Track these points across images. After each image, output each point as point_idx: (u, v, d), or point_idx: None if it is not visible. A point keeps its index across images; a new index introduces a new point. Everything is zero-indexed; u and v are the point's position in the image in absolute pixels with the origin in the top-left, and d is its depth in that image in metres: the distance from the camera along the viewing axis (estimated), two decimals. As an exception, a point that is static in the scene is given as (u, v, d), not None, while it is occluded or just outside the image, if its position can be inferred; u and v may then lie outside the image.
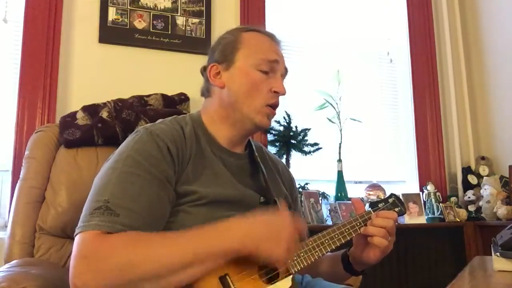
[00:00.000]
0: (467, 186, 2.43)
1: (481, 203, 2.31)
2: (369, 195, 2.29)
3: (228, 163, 0.98)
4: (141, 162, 0.84)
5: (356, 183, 2.40)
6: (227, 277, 0.80)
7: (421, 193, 2.36)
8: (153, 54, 2.01)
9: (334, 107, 2.33)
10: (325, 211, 2.12)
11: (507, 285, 0.85)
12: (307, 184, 2.15)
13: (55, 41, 1.84)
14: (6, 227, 1.53)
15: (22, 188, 1.40)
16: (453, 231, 2.25)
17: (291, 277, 0.88)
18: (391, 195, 1.11)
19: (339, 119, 2.33)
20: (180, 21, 2.07)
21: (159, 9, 2.04)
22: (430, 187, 2.34)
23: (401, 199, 1.12)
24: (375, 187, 2.33)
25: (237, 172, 0.99)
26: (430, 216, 2.27)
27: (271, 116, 0.99)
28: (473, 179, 2.44)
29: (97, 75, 1.91)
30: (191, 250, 0.75)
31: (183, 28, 2.07)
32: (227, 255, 0.78)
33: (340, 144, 2.29)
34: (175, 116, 1.01)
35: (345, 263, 1.06)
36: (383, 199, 1.09)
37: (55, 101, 1.81)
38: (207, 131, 0.99)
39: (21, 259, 1.26)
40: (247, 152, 1.06)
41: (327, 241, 0.96)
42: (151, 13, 2.03)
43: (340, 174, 2.23)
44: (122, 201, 0.79)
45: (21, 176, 1.42)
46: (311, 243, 0.94)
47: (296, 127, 2.17)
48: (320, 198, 2.12)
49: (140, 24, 2.00)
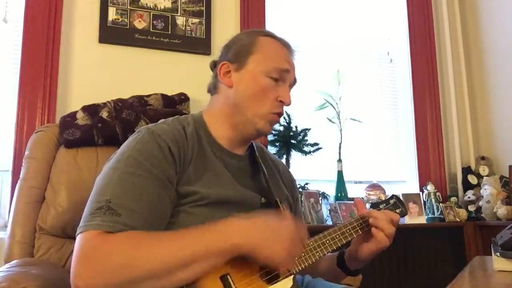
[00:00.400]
0: (467, 186, 2.43)
1: (481, 203, 2.31)
2: (369, 195, 2.29)
3: (229, 164, 0.98)
4: (143, 162, 0.84)
5: (356, 183, 2.41)
6: (228, 276, 0.80)
7: (421, 193, 2.36)
8: (153, 54, 2.01)
9: (334, 107, 2.33)
10: (325, 211, 2.13)
11: (507, 285, 0.85)
12: (307, 184, 2.15)
13: (55, 41, 1.84)
14: (6, 227, 1.53)
15: (22, 188, 1.40)
16: (453, 231, 2.25)
17: (292, 277, 0.88)
18: (392, 196, 1.11)
19: (339, 119, 2.33)
20: (180, 21, 2.07)
21: (159, 9, 2.04)
22: (430, 187, 2.34)
23: (402, 200, 1.12)
24: (375, 187, 2.33)
25: (238, 173, 0.99)
26: (430, 216, 2.27)
27: (273, 123, 1.00)
28: (473, 179, 2.44)
29: (97, 75, 1.91)
30: (191, 249, 0.75)
31: (183, 28, 2.07)
32: (226, 254, 0.78)
33: (340, 144, 2.29)
34: (177, 116, 1.01)
35: (339, 261, 1.06)
36: (384, 200, 1.10)
37: (55, 101, 1.81)
38: (208, 132, 0.99)
39: (21, 259, 1.26)
40: (248, 153, 1.06)
41: (328, 242, 0.96)
42: (151, 13, 2.02)
43: (340, 174, 2.24)
44: (123, 201, 0.79)
45: (21, 176, 1.42)
46: (312, 243, 0.94)
47: (296, 127, 2.17)
48: (320, 198, 2.12)
49: (140, 24, 2.00)
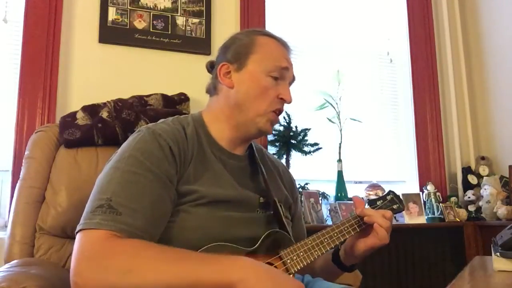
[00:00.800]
0: (467, 186, 2.43)
1: (481, 203, 2.30)
2: (369, 195, 2.29)
3: (228, 164, 0.99)
4: (143, 161, 0.84)
5: (356, 183, 2.41)
6: None
7: (421, 193, 2.36)
8: (153, 54, 2.01)
9: (334, 107, 2.33)
10: (325, 211, 2.13)
11: (507, 285, 0.85)
12: (307, 184, 2.15)
13: (55, 41, 1.84)
14: (6, 227, 1.53)
15: (22, 188, 1.40)
16: (453, 231, 2.25)
17: (291, 276, 0.88)
18: (389, 192, 1.11)
19: (339, 119, 2.33)
20: (180, 21, 2.07)
21: (159, 9, 2.04)
22: (430, 187, 2.34)
23: (399, 196, 1.12)
24: (375, 187, 2.33)
25: (237, 173, 0.99)
26: (430, 216, 2.27)
27: (274, 122, 1.00)
28: (473, 179, 2.44)
29: (97, 75, 1.91)
30: (194, 275, 0.72)
31: (183, 28, 2.07)
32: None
33: (340, 144, 2.29)
34: (177, 116, 1.01)
35: (335, 257, 1.06)
36: (381, 197, 1.10)
37: (55, 101, 1.81)
38: (208, 132, 1.00)
39: (21, 259, 1.26)
40: (247, 153, 1.06)
41: (326, 240, 0.96)
42: (151, 13, 2.03)
43: (340, 174, 2.24)
44: (124, 200, 0.79)
45: (21, 176, 1.42)
46: (310, 242, 0.94)
47: (296, 127, 2.17)
48: (320, 198, 2.12)
49: (140, 24, 2.00)
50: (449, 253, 2.22)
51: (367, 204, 1.08)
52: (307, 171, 2.23)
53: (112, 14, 1.96)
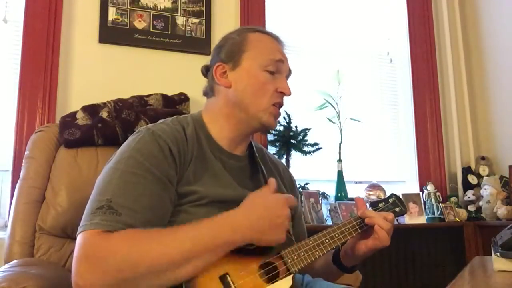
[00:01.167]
0: (467, 186, 2.43)
1: (481, 203, 2.30)
2: (369, 195, 2.29)
3: (227, 165, 0.98)
4: (143, 162, 0.84)
5: (356, 183, 2.40)
6: (227, 276, 0.80)
7: (421, 193, 2.36)
8: (153, 54, 2.01)
9: (334, 107, 2.33)
10: (325, 211, 2.12)
11: (507, 285, 0.85)
12: (307, 184, 2.15)
13: (55, 41, 1.84)
14: (6, 227, 1.53)
15: (22, 188, 1.40)
16: (453, 231, 2.25)
17: (291, 276, 0.88)
18: (392, 195, 1.11)
19: (339, 119, 2.33)
20: (180, 21, 2.07)
21: (159, 9, 2.04)
22: (430, 187, 2.34)
23: (402, 199, 1.12)
24: (375, 187, 2.33)
25: (237, 174, 0.99)
26: (430, 216, 2.27)
27: (276, 116, 1.00)
28: (473, 179, 2.44)
29: (97, 75, 1.91)
30: (190, 243, 0.76)
31: (183, 28, 2.07)
32: (227, 247, 0.79)
33: (340, 144, 2.29)
34: (176, 116, 1.01)
35: (335, 258, 1.06)
36: (383, 199, 1.10)
37: (55, 101, 1.81)
38: (208, 132, 0.99)
39: (21, 259, 1.26)
40: (247, 153, 1.06)
41: (327, 241, 0.96)
42: (151, 13, 2.03)
43: (340, 174, 2.24)
44: (124, 201, 0.79)
45: (21, 176, 1.42)
46: (311, 242, 0.94)
47: (296, 127, 2.17)
48: (320, 198, 2.12)
49: (140, 24, 2.00)
50: (449, 253, 2.22)
51: (369, 205, 1.07)
52: (307, 171, 2.23)
53: (112, 14, 1.96)
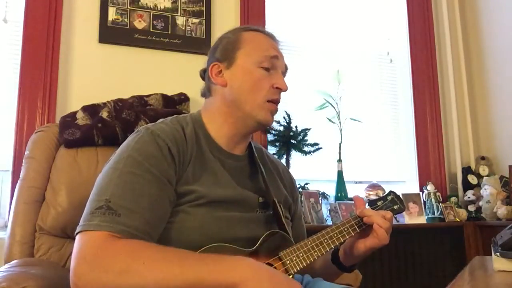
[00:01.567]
0: (467, 186, 2.43)
1: (481, 203, 2.30)
2: (369, 195, 2.29)
3: (226, 164, 0.98)
4: (142, 162, 0.84)
5: (356, 183, 2.40)
6: None
7: (421, 193, 2.36)
8: (153, 54, 2.01)
9: (334, 107, 2.33)
10: (325, 211, 2.12)
11: (507, 285, 0.85)
12: (307, 184, 2.15)
13: (55, 41, 1.84)
14: (6, 227, 1.53)
15: (22, 188, 1.40)
16: (453, 231, 2.25)
17: (290, 277, 0.88)
18: (390, 192, 1.11)
19: (339, 119, 2.33)
20: (180, 21, 2.07)
21: (159, 9, 2.04)
22: (430, 187, 2.34)
23: (400, 196, 1.12)
24: (375, 187, 2.33)
25: (235, 173, 0.99)
26: (430, 216, 2.27)
27: (273, 112, 1.00)
28: (473, 179, 2.44)
29: (97, 75, 1.91)
30: (194, 275, 0.72)
31: (183, 28, 2.07)
32: None
33: (340, 144, 2.29)
34: (175, 115, 1.01)
35: (334, 257, 1.06)
36: (381, 197, 1.10)
37: (55, 101, 1.81)
38: (207, 131, 0.99)
39: (21, 259, 1.26)
40: (246, 153, 1.06)
41: (326, 241, 0.96)
42: (151, 13, 2.03)
43: (340, 174, 2.24)
44: (123, 201, 0.79)
45: (21, 176, 1.42)
46: (310, 243, 0.94)
47: (296, 127, 2.17)
48: (320, 198, 2.12)
49: (140, 24, 2.00)
50: (449, 253, 2.22)
51: (367, 204, 1.07)
52: (307, 171, 2.23)
53: (112, 14, 1.96)
